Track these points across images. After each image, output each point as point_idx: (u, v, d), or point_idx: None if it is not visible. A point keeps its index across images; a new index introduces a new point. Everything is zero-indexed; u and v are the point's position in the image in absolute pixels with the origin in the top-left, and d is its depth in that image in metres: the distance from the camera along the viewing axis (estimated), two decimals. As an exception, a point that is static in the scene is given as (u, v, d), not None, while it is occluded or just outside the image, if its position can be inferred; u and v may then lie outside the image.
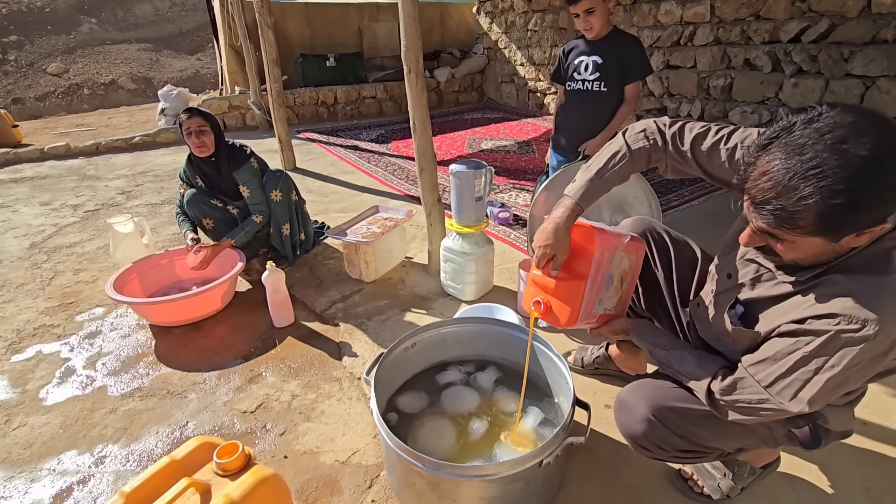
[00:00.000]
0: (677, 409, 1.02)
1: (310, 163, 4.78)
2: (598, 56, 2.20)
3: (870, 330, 0.74)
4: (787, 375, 0.83)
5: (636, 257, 1.23)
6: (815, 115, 0.76)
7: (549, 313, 1.17)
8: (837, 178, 0.70)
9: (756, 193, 0.79)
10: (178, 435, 1.56)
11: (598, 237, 1.10)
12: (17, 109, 9.48)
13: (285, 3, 6.86)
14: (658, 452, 1.08)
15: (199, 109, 2.28)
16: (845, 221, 0.73)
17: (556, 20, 6.50)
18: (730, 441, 1.05)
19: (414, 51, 2.03)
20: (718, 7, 4.58)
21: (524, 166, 4.45)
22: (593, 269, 1.10)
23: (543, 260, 1.13)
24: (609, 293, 1.18)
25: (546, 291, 1.17)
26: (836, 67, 3.87)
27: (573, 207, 1.11)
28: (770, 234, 0.82)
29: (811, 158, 0.72)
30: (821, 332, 0.79)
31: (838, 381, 0.79)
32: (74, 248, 3.01)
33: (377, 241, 2.31)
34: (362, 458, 1.44)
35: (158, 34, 13.53)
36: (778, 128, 0.79)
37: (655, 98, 5.38)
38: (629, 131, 1.17)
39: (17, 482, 1.42)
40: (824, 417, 0.98)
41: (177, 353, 1.98)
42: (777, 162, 0.76)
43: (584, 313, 1.13)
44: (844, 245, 0.79)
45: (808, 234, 0.76)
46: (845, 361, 0.77)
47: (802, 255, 0.83)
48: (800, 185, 0.73)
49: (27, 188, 4.31)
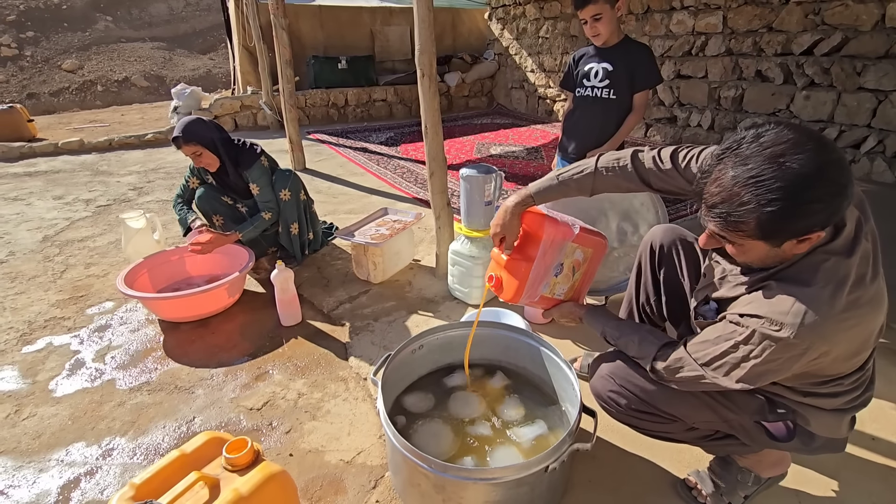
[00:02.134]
0: (631, 371, 1.15)
1: (319, 164, 4.81)
2: (609, 63, 2.20)
3: (784, 333, 0.84)
4: (721, 358, 0.94)
5: (592, 251, 1.35)
6: (762, 130, 0.85)
7: (500, 287, 1.31)
8: (771, 188, 0.79)
9: (708, 198, 0.89)
10: (185, 430, 1.58)
11: (546, 224, 1.23)
12: (31, 104, 9.58)
13: (299, 5, 6.92)
14: (617, 410, 1.17)
15: (182, 134, 2.17)
16: (780, 227, 0.82)
17: (568, 28, 6.52)
18: (685, 410, 1.10)
19: (428, 55, 2.05)
20: (731, 18, 4.58)
21: (533, 172, 4.45)
22: (539, 252, 1.23)
23: (496, 238, 1.29)
24: (558, 279, 1.31)
25: (500, 268, 1.32)
26: (849, 81, 3.85)
27: (525, 197, 1.27)
28: (721, 237, 0.92)
29: (752, 168, 0.82)
30: (749, 326, 0.89)
31: (761, 370, 0.90)
32: (86, 243, 3.05)
33: (385, 242, 2.32)
34: (367, 459, 1.45)
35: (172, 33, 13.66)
36: (731, 141, 0.88)
37: (665, 107, 5.37)
38: (606, 154, 1.27)
39: (25, 472, 1.43)
40: (805, 419, 1.03)
41: (185, 348, 2.00)
42: (726, 171, 0.85)
43: (528, 292, 1.27)
44: (787, 251, 0.88)
45: (751, 237, 0.86)
46: (765, 354, 0.87)
47: (751, 259, 0.93)
48: (741, 192, 0.82)
49: (41, 182, 4.37)
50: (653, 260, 1.38)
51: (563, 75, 2.44)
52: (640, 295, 1.43)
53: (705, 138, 5.03)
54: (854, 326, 0.86)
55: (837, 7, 3.84)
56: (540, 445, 1.36)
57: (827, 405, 1.01)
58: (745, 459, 1.22)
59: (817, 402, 1.01)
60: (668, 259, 1.35)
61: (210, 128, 2.28)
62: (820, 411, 1.02)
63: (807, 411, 1.02)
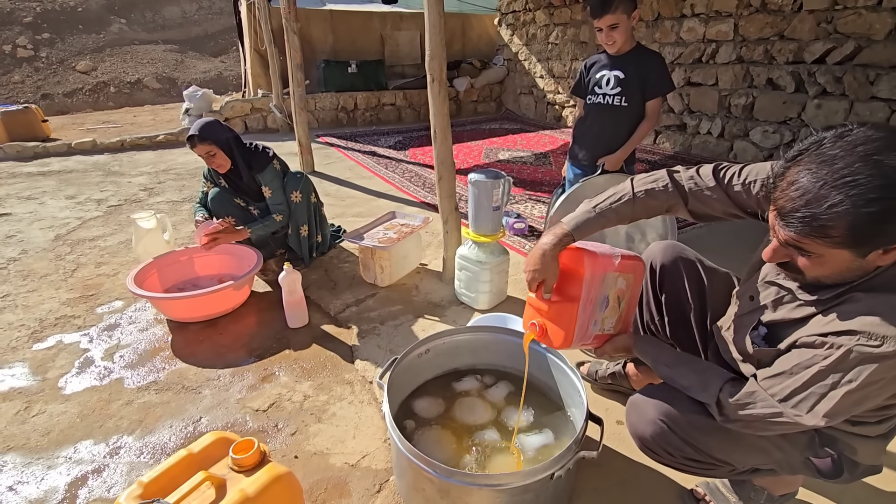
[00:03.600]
0: (687, 416, 1.01)
1: (328, 167, 4.84)
2: (620, 71, 2.21)
3: (889, 347, 0.73)
4: (804, 389, 0.82)
5: (633, 276, 1.23)
6: (845, 130, 0.78)
7: (545, 335, 1.19)
8: (870, 186, 0.71)
9: (784, 203, 0.80)
10: (192, 430, 1.58)
11: (587, 260, 1.12)
12: (46, 105, 9.72)
13: (311, 10, 6.99)
14: (665, 457, 1.07)
15: (198, 133, 2.20)
16: (875, 232, 0.74)
17: (578, 34, 6.52)
18: (739, 456, 1.02)
19: (438, 60, 2.06)
20: (742, 26, 4.56)
21: (541, 178, 4.45)
22: (584, 291, 1.12)
23: (533, 284, 1.16)
24: (605, 313, 1.19)
25: (541, 314, 1.19)
26: (862, 90, 3.82)
27: (563, 236, 1.14)
28: (796, 247, 0.82)
29: (843, 168, 0.74)
30: (839, 346, 0.78)
31: (857, 398, 0.78)
32: (97, 242, 3.08)
33: (393, 246, 2.33)
34: (372, 462, 1.45)
35: (185, 36, 13.83)
36: (808, 142, 0.80)
37: (675, 115, 5.36)
38: (639, 177, 1.19)
39: (34, 468, 1.45)
40: (852, 449, 0.95)
41: (192, 348, 2.01)
42: (807, 173, 0.77)
43: (578, 335, 1.15)
44: (870, 262, 0.79)
45: (837, 244, 0.76)
46: (863, 377, 0.76)
47: (827, 272, 0.83)
48: (831, 194, 0.74)
49: (54, 181, 4.43)
50: (653, 280, 1.33)
51: (574, 82, 2.45)
52: (644, 314, 1.38)
53: (715, 146, 5.01)
54: None
55: (850, 16, 3.82)
56: (545, 455, 1.35)
57: (873, 432, 0.94)
58: (761, 480, 1.18)
59: (865, 431, 0.93)
60: (671, 280, 1.29)
61: (225, 130, 2.32)
62: (866, 439, 0.94)
63: (855, 441, 0.95)
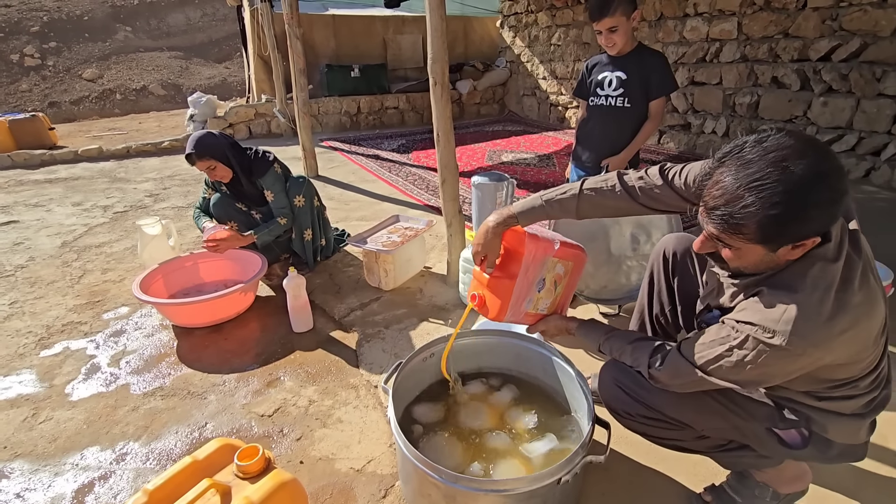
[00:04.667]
0: (634, 378, 1.13)
1: (332, 171, 4.85)
2: (622, 72, 2.19)
3: (777, 340, 0.85)
4: (716, 361, 0.94)
5: (573, 264, 1.33)
6: (764, 136, 0.86)
7: (483, 306, 1.30)
8: (775, 191, 0.80)
9: (709, 200, 0.89)
10: (197, 436, 1.58)
11: (528, 242, 1.21)
12: (53, 112, 9.83)
13: (313, 15, 7.03)
14: (628, 420, 1.18)
15: (195, 150, 2.20)
16: (780, 231, 0.83)
17: (580, 35, 6.52)
18: (692, 415, 1.09)
19: (440, 63, 2.06)
20: (746, 24, 4.54)
21: (544, 179, 4.44)
22: (521, 270, 1.21)
23: (477, 258, 1.26)
24: (540, 294, 1.30)
25: (482, 286, 1.30)
26: (868, 87, 3.79)
27: (507, 217, 1.24)
28: (719, 240, 0.92)
29: (755, 172, 0.82)
30: (743, 332, 0.90)
31: (757, 374, 0.91)
32: (103, 248, 3.10)
33: (397, 249, 2.33)
34: (377, 467, 1.44)
35: (189, 43, 13.94)
36: (733, 145, 0.89)
37: (679, 114, 5.33)
38: (592, 177, 1.27)
39: (41, 475, 1.45)
40: (822, 426, 1.02)
41: (198, 354, 2.02)
42: (728, 174, 0.86)
43: (511, 309, 1.26)
44: (781, 257, 0.89)
45: (751, 240, 0.86)
46: (760, 360, 0.88)
47: (745, 263, 0.93)
48: (744, 195, 0.83)
49: (61, 188, 4.47)
50: (666, 268, 1.36)
51: (576, 83, 2.44)
52: (654, 306, 1.40)
53: (720, 145, 4.94)
54: (846, 331, 0.85)
55: (856, 13, 3.79)
56: (551, 460, 1.34)
57: (844, 409, 1.00)
58: (763, 474, 1.19)
59: (834, 407, 1.00)
60: (683, 267, 1.33)
61: (220, 140, 2.30)
62: (837, 416, 1.00)
63: (823, 417, 1.01)
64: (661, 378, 1.05)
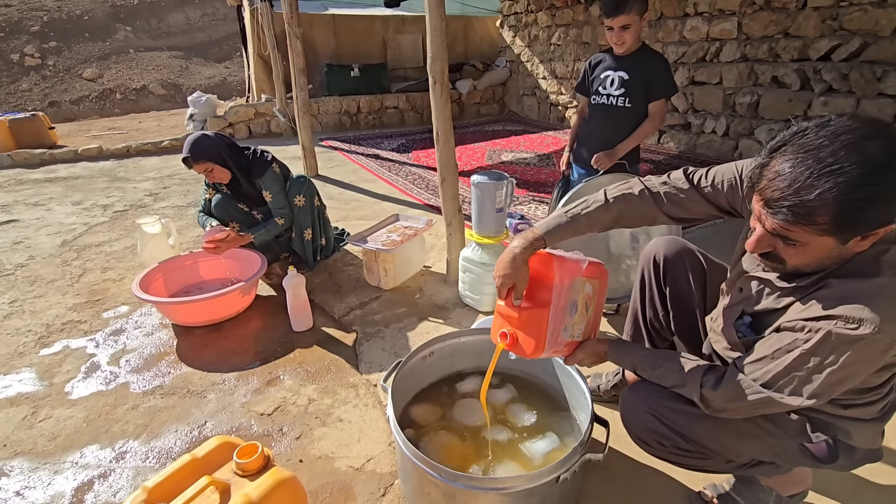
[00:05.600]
0: (673, 405, 1.04)
1: (331, 170, 4.85)
2: (625, 72, 2.20)
3: (866, 329, 0.76)
4: (787, 373, 0.84)
5: (598, 281, 1.22)
6: (826, 120, 0.80)
7: (516, 344, 1.14)
8: (856, 173, 0.73)
9: (772, 193, 0.81)
10: (197, 434, 1.58)
11: (556, 265, 1.10)
12: (53, 112, 9.83)
13: (313, 15, 7.03)
14: (658, 448, 1.09)
15: (191, 154, 2.20)
16: (860, 218, 0.76)
17: (580, 35, 6.52)
18: (730, 443, 1.03)
19: (440, 63, 2.06)
20: (746, 24, 4.54)
21: (544, 179, 4.44)
22: (554, 296, 1.09)
23: (503, 290, 1.13)
24: (574, 319, 1.17)
25: (511, 323, 1.14)
26: (868, 86, 3.79)
27: (534, 240, 1.12)
28: (782, 236, 0.83)
29: (828, 156, 0.75)
30: (818, 330, 0.81)
31: (838, 377, 0.81)
32: (103, 247, 3.10)
33: (397, 249, 2.33)
34: (377, 466, 1.44)
35: (189, 42, 13.94)
36: (789, 133, 0.82)
37: (680, 114, 5.33)
38: (612, 185, 1.20)
39: (41, 473, 1.45)
40: (846, 433, 0.96)
41: (197, 352, 2.02)
42: (791, 162, 0.79)
43: (549, 342, 1.11)
44: (849, 249, 0.81)
45: (824, 231, 0.78)
46: (843, 359, 0.79)
47: (809, 260, 0.85)
48: (819, 181, 0.75)
49: (61, 188, 4.47)
50: (657, 273, 1.32)
51: (578, 80, 2.45)
52: (647, 311, 1.37)
53: (720, 145, 4.98)
54: None
55: (856, 12, 3.79)
56: (550, 459, 1.34)
57: (867, 415, 0.96)
58: (769, 479, 1.17)
59: (858, 413, 0.95)
60: (675, 272, 1.29)
61: (216, 142, 2.28)
62: (861, 423, 0.96)
63: (848, 424, 0.96)
64: (715, 401, 0.94)
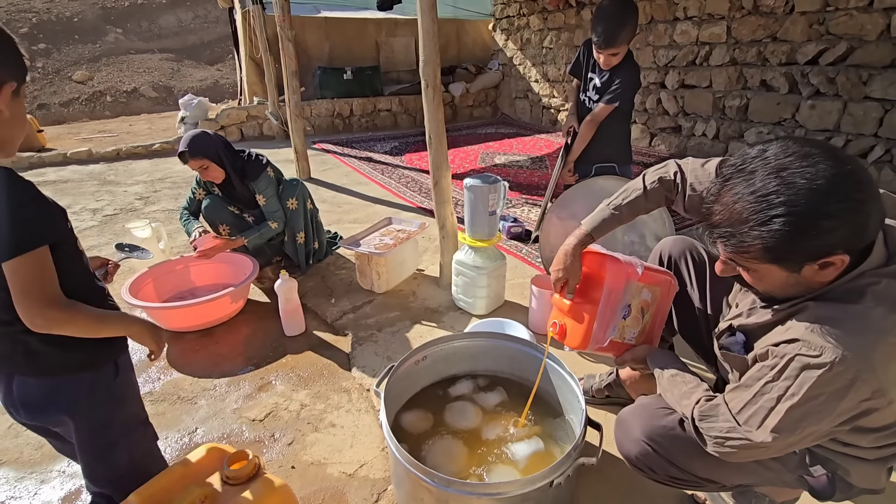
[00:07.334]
0: (669, 435, 1.01)
1: (324, 173, 4.83)
2: (600, 77, 2.34)
3: (826, 357, 0.71)
4: (754, 403, 0.81)
5: (660, 290, 1.24)
6: (768, 144, 0.78)
7: (565, 334, 1.25)
8: (773, 203, 0.72)
9: (714, 219, 0.82)
10: (188, 441, 1.57)
11: (608, 264, 1.18)
12: (42, 115, 9.72)
13: (305, 17, 7.01)
14: (650, 474, 1.08)
15: (188, 149, 2.18)
16: (788, 248, 0.73)
17: (572, 38, 6.55)
18: (725, 475, 1.00)
19: (432, 66, 2.06)
20: (735, 28, 4.58)
21: (537, 181, 4.45)
22: (604, 295, 1.16)
23: (558, 284, 1.22)
24: (627, 322, 1.22)
25: (563, 314, 1.26)
26: (855, 90, 3.84)
27: (583, 237, 1.22)
28: (734, 262, 0.84)
29: (754, 183, 0.75)
30: (783, 355, 0.77)
31: (801, 413, 0.75)
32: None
33: (390, 252, 2.32)
34: (370, 472, 1.43)
35: (181, 45, 13.86)
36: (738, 158, 0.81)
37: (670, 117, 5.37)
38: (650, 170, 1.22)
39: (27, 483, 1.43)
40: (845, 470, 0.92)
41: (188, 358, 2.00)
42: (730, 188, 0.79)
43: (595, 338, 1.19)
44: (809, 278, 0.78)
45: (760, 259, 0.77)
46: (804, 390, 0.73)
47: (768, 286, 0.84)
48: (742, 210, 0.76)
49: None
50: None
51: (572, 63, 2.53)
52: None
53: (710, 148, 5.02)
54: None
55: (842, 17, 3.84)
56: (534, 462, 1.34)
57: (869, 455, 0.88)
58: (764, 487, 1.16)
59: (858, 452, 0.88)
60: (677, 269, 1.32)
61: (215, 141, 2.28)
62: (860, 462, 0.90)
63: (846, 462, 0.91)
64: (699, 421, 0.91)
